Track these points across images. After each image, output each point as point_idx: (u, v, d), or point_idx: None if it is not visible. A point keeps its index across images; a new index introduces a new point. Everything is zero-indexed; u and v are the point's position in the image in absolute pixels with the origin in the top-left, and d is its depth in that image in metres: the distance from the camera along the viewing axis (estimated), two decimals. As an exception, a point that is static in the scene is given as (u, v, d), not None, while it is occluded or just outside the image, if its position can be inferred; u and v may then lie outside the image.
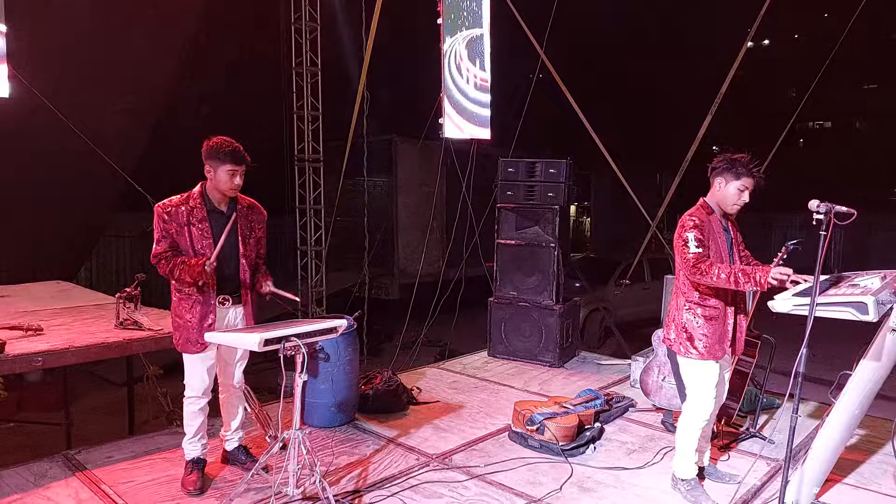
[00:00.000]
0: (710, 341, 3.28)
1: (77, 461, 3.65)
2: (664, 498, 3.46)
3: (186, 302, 3.30)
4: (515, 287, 6.28)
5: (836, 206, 2.73)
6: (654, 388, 4.64)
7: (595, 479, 3.67)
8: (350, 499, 3.36)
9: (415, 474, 3.66)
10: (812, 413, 4.71)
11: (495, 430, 4.38)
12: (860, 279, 3.00)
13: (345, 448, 4.01)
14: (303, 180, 9.76)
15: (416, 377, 5.62)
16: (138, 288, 4.29)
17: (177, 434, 4.03)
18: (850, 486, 3.57)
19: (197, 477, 3.39)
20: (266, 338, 2.88)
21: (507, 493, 3.46)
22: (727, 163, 3.27)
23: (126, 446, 3.90)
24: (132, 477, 3.50)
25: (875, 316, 2.60)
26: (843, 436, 3.22)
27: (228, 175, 3.26)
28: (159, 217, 3.26)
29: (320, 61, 9.54)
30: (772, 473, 3.68)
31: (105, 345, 3.86)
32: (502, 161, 6.40)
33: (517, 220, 6.30)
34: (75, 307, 5.02)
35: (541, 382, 5.56)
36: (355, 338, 4.49)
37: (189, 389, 3.41)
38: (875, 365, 2.99)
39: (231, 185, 3.28)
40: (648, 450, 4.08)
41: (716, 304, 3.29)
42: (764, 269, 3.02)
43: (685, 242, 3.22)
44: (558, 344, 6.02)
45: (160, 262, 3.26)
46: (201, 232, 3.28)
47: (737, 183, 3.25)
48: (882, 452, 3.97)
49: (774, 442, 4.10)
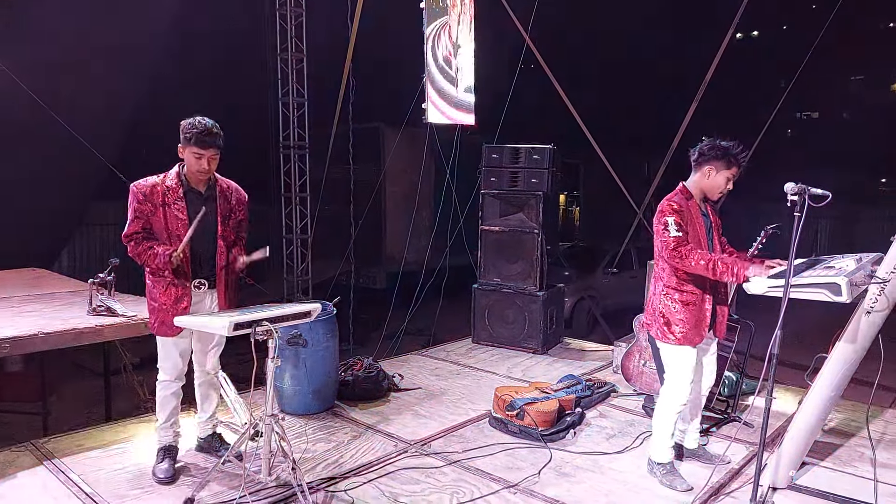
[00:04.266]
0: (686, 326, 3.27)
1: (46, 450, 3.58)
2: (641, 482, 3.45)
3: (160, 284, 3.24)
4: (499, 273, 6.24)
5: (812, 188, 2.72)
6: (635, 373, 4.63)
7: (574, 464, 3.65)
8: (325, 486, 3.32)
9: (392, 461, 3.63)
10: (792, 397, 4.71)
11: (476, 416, 4.35)
12: (835, 261, 2.98)
13: (322, 435, 3.97)
14: (288, 167, 9.67)
15: (399, 364, 5.58)
16: (112, 273, 4.21)
17: (150, 422, 3.99)
18: (826, 468, 3.57)
19: (168, 465, 3.33)
20: (236, 322, 2.81)
21: (485, 479, 3.43)
22: (720, 151, 3.24)
23: (97, 435, 3.83)
24: (102, 465, 3.44)
25: (848, 297, 2.58)
26: (819, 418, 3.22)
27: (194, 158, 3.18)
28: (134, 196, 3.20)
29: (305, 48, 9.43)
30: (750, 457, 3.67)
31: (76, 331, 3.79)
32: (486, 147, 6.35)
33: (501, 207, 6.26)
34: (48, 294, 4.93)
35: (524, 369, 5.54)
36: (334, 324, 4.43)
37: (162, 373, 3.36)
38: (850, 347, 2.98)
39: (198, 167, 3.20)
40: (628, 434, 4.07)
41: (693, 290, 3.28)
42: (743, 264, 3.02)
43: (665, 226, 3.21)
44: (542, 330, 6.00)
45: (130, 244, 3.20)
46: (177, 212, 3.21)
47: (727, 172, 3.25)
48: (859, 436, 3.98)
49: (753, 425, 4.10)
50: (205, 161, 3.19)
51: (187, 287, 3.26)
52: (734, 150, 3.23)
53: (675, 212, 3.22)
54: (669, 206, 3.25)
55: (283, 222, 9.82)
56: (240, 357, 3.92)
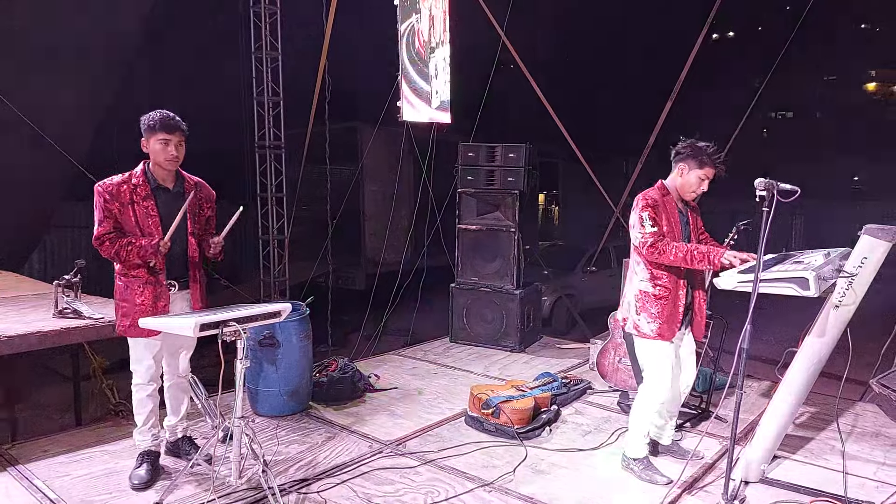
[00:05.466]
0: (659, 320, 3.27)
1: (10, 456, 3.49)
2: (617, 478, 3.45)
3: (135, 285, 3.16)
4: (477, 272, 6.23)
5: (780, 183, 2.74)
6: (611, 370, 4.64)
7: (549, 461, 3.64)
8: (298, 487, 3.27)
9: (367, 461, 3.59)
10: (765, 392, 4.76)
11: (452, 415, 4.33)
12: (804, 256, 3.01)
13: (295, 437, 3.92)
14: (264, 167, 9.55)
15: (376, 364, 5.54)
16: (78, 275, 4.11)
17: (118, 426, 3.91)
18: (797, 461, 3.60)
19: (145, 471, 3.25)
20: (202, 322, 2.75)
21: (460, 478, 3.41)
22: (692, 150, 3.26)
23: (63, 440, 3.74)
24: (68, 471, 3.36)
25: (816, 291, 2.60)
26: (790, 412, 3.24)
27: (162, 145, 3.13)
28: (100, 196, 3.12)
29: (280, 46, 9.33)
30: (722, 451, 3.69)
31: (40, 334, 3.68)
32: (462, 145, 6.33)
33: (478, 205, 6.25)
34: (13, 297, 4.81)
35: (501, 367, 5.53)
36: (307, 324, 4.37)
37: (136, 376, 3.28)
38: (819, 341, 3.00)
39: (166, 155, 3.14)
40: (603, 431, 4.07)
41: (667, 284, 3.28)
42: (718, 251, 3.04)
43: (640, 222, 3.21)
44: (519, 329, 6.00)
45: (103, 245, 3.12)
46: (146, 210, 3.15)
47: (699, 172, 3.25)
48: (829, 429, 4.02)
49: (726, 420, 4.12)
50: (172, 147, 3.14)
51: (164, 286, 3.20)
52: (707, 151, 3.24)
53: (650, 206, 3.22)
54: (644, 200, 3.25)
55: (259, 223, 9.70)
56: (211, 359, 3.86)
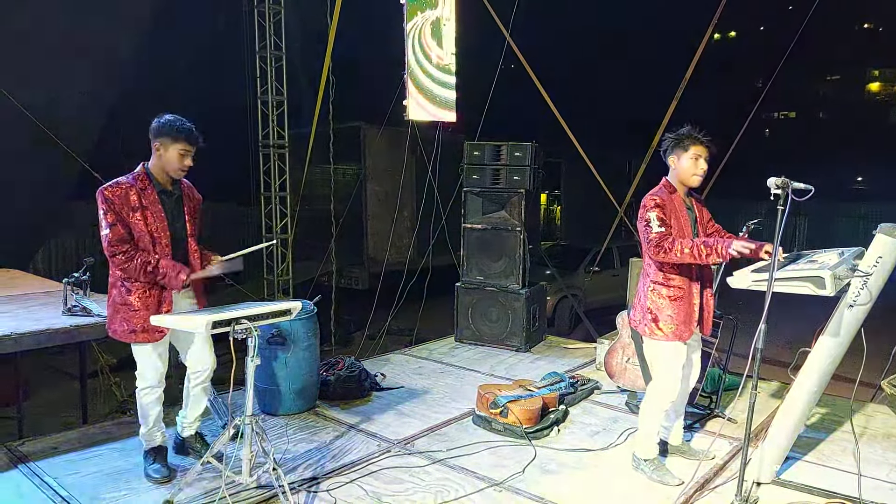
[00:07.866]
0: (675, 322, 3.25)
1: (20, 452, 3.49)
2: (626, 479, 3.43)
3: (139, 289, 3.12)
4: (482, 272, 6.22)
5: (794, 182, 2.73)
6: (619, 370, 4.62)
7: (558, 461, 3.63)
8: (307, 486, 3.26)
9: (375, 460, 3.58)
10: (775, 393, 4.75)
11: (459, 414, 4.32)
12: (818, 255, 2.99)
13: (304, 435, 3.91)
14: (268, 167, 9.57)
15: (382, 363, 5.53)
16: (87, 273, 4.11)
17: (126, 424, 3.90)
18: (810, 463, 3.58)
19: (160, 465, 3.27)
20: (214, 320, 2.75)
21: (469, 477, 3.40)
22: (673, 140, 3.30)
23: (73, 437, 3.74)
24: (78, 468, 3.36)
25: (832, 290, 2.59)
26: (802, 413, 3.22)
27: (180, 155, 3.11)
28: (108, 201, 3.03)
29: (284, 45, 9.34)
30: (734, 452, 3.68)
31: (50, 332, 3.69)
32: (468, 144, 6.31)
33: (483, 204, 6.23)
34: (22, 294, 4.81)
35: (507, 367, 5.52)
36: (315, 323, 4.37)
37: (142, 381, 3.24)
38: (833, 341, 2.98)
39: (181, 165, 3.14)
40: (612, 431, 4.06)
41: (680, 285, 3.26)
42: (725, 242, 3.00)
43: (647, 222, 3.19)
44: (525, 328, 5.99)
45: (115, 256, 3.02)
46: (154, 215, 3.12)
47: (688, 153, 3.25)
48: (841, 430, 4.01)
49: (736, 421, 4.12)
50: (189, 158, 3.14)
51: (165, 289, 3.18)
52: (685, 133, 3.27)
53: (657, 206, 3.21)
54: (652, 200, 3.24)
55: (263, 222, 9.71)
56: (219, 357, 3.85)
